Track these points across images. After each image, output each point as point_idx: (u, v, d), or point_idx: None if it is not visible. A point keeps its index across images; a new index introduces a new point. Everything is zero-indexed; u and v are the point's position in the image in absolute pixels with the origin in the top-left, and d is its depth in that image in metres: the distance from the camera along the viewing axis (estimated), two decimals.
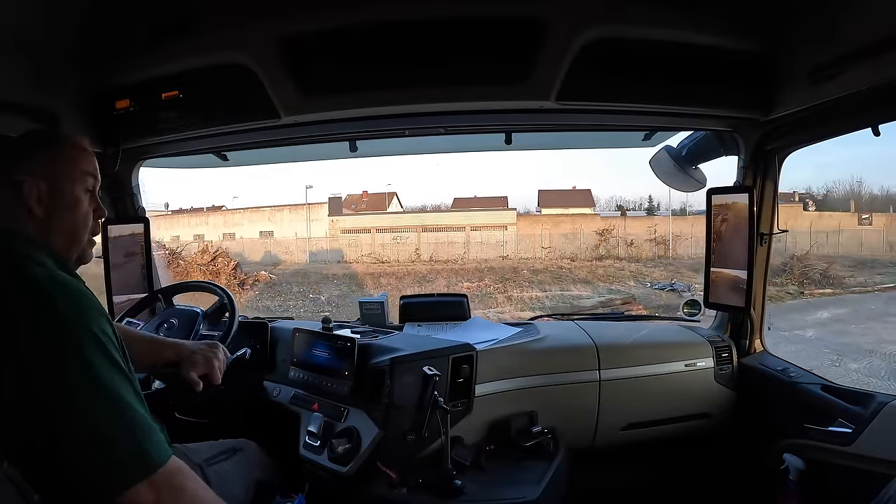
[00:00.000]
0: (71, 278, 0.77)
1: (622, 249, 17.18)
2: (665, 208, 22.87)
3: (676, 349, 1.63)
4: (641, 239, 17.52)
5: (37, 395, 0.67)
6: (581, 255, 16.91)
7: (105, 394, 0.69)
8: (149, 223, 1.77)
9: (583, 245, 17.34)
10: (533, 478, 1.27)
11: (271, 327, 1.60)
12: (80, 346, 0.69)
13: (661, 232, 17.79)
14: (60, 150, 0.85)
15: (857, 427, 1.24)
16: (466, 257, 16.50)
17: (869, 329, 7.83)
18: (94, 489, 0.67)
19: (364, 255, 16.43)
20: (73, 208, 0.85)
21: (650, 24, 1.22)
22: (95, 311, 0.73)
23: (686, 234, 17.86)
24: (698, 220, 19.78)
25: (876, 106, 1.14)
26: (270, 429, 1.41)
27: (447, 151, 2.29)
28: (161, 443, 0.72)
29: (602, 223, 18.70)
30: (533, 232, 17.97)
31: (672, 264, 15.63)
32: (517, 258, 16.59)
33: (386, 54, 1.26)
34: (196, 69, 1.33)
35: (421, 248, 16.97)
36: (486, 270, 14.27)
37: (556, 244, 17.46)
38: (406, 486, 1.19)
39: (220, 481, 1.06)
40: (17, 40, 1.14)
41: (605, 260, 16.30)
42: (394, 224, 18.69)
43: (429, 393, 1.20)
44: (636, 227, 18.55)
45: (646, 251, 17.19)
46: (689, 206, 24.76)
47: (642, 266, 15.35)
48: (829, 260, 13.17)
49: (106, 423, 0.68)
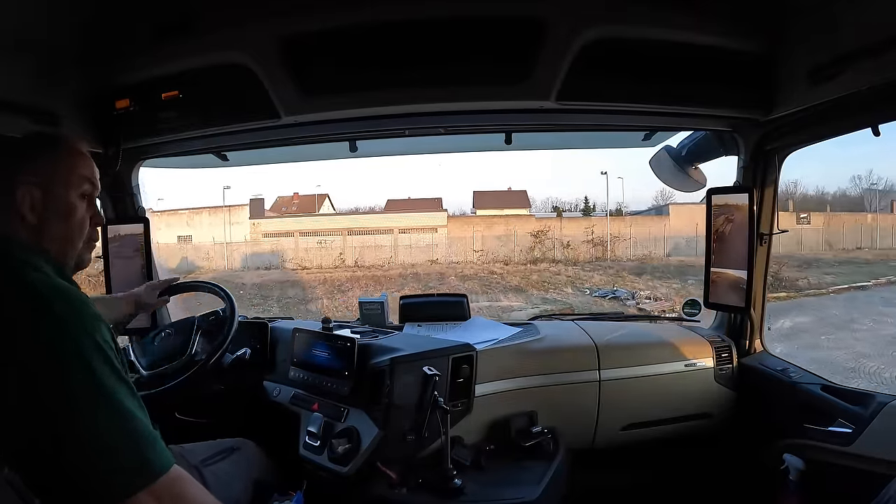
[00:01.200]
0: (69, 285, 0.76)
1: (558, 251, 16.65)
2: (601, 209, 22.75)
3: (676, 349, 1.63)
4: (578, 240, 17.05)
5: (39, 400, 0.66)
6: (515, 259, 16.23)
7: (107, 401, 0.69)
8: (149, 223, 1.77)
9: (517, 247, 16.68)
10: (533, 478, 1.27)
11: (271, 327, 1.60)
12: (81, 352, 0.69)
13: (599, 233, 17.44)
14: (57, 155, 0.83)
15: (857, 427, 1.24)
16: (393, 262, 15.73)
17: (840, 341, 7.39)
18: (95, 496, 0.67)
19: (287, 260, 15.63)
20: (67, 216, 0.83)
21: (650, 24, 1.22)
22: (94, 318, 0.73)
23: (624, 234, 17.70)
24: (636, 220, 19.77)
25: (876, 106, 1.14)
26: (270, 429, 1.41)
27: (447, 151, 2.29)
28: (163, 451, 0.72)
29: (537, 224, 18.14)
30: (464, 234, 17.37)
31: (612, 267, 15.10)
32: (447, 262, 15.86)
33: (386, 54, 1.26)
34: (196, 69, 1.33)
35: (346, 253, 16.20)
36: (409, 277, 13.43)
37: (488, 247, 16.77)
38: (406, 486, 1.19)
39: (217, 481, 1.06)
40: (17, 40, 1.14)
41: (540, 263, 15.63)
42: (319, 227, 17.93)
43: (429, 393, 1.20)
44: (573, 228, 18.11)
45: (583, 253, 16.68)
46: (625, 206, 24.43)
47: (580, 270, 14.74)
48: (780, 261, 12.71)
49: (108, 430, 0.68)
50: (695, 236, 17.72)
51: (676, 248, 17.64)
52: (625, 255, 16.92)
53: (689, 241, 17.94)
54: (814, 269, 13.79)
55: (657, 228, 18.52)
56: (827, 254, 15.86)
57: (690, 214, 19.01)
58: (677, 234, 18.14)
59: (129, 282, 1.74)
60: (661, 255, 17.11)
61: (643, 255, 17.01)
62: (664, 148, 1.77)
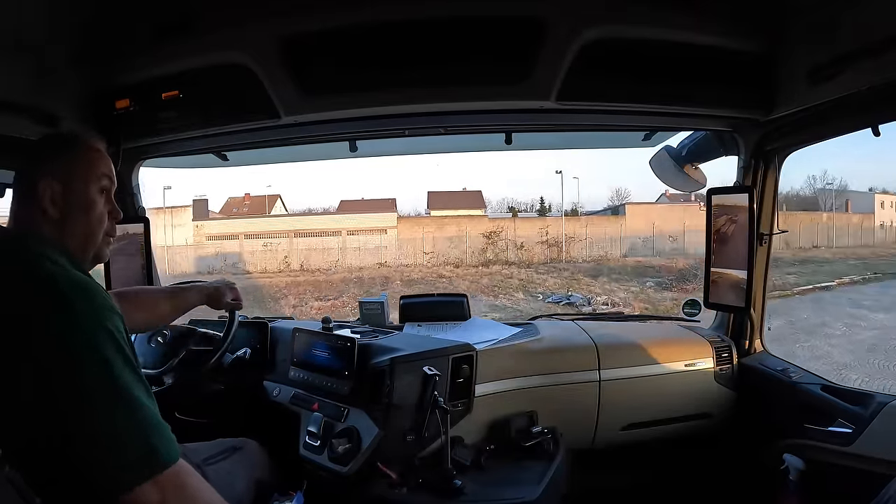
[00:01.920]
0: (85, 277, 0.78)
1: (512, 253, 16.04)
2: (557, 209, 22.36)
3: (676, 349, 1.64)
4: (533, 241, 16.50)
5: (53, 393, 0.67)
6: (467, 261, 15.61)
7: (120, 392, 0.69)
8: (149, 223, 1.77)
9: (469, 249, 16.09)
10: (533, 478, 1.27)
11: (271, 327, 1.60)
12: (96, 344, 0.70)
13: (554, 234, 16.91)
14: (77, 153, 0.86)
15: (857, 427, 1.24)
16: (340, 265, 15.08)
17: (815, 349, 6.96)
18: (100, 488, 0.68)
19: (230, 264, 14.93)
20: (88, 210, 0.86)
21: (650, 25, 1.22)
22: (109, 310, 0.74)
23: (580, 235, 17.25)
24: (591, 221, 19.37)
25: (876, 106, 1.14)
26: (270, 429, 1.41)
27: (447, 151, 2.29)
28: (171, 441, 0.73)
29: (490, 225, 17.50)
30: (415, 236, 16.73)
31: (567, 269, 14.48)
32: (396, 265, 15.23)
33: (386, 54, 1.26)
34: (196, 69, 1.33)
35: (292, 256, 15.48)
36: (353, 282, 12.65)
37: (440, 249, 16.15)
38: (406, 486, 1.19)
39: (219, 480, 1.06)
40: (17, 40, 1.13)
41: (492, 266, 14.98)
42: (265, 229, 17.23)
43: (429, 393, 1.20)
44: (527, 228, 17.52)
45: (538, 254, 16.16)
46: (581, 206, 24.12)
47: (534, 272, 14.04)
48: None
49: (120, 421, 0.68)
50: (651, 236, 17.53)
51: (633, 249, 17.33)
52: (580, 256, 16.51)
53: (646, 241, 17.62)
54: (774, 270, 13.40)
55: (613, 228, 18.22)
56: (785, 253, 15.48)
57: (647, 214, 18.99)
58: (634, 234, 17.83)
59: (129, 281, 1.74)
60: (617, 255, 16.76)
61: (599, 255, 16.64)
62: (664, 148, 1.77)
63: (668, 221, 18.33)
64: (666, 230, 17.82)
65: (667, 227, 17.95)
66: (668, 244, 17.38)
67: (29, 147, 0.87)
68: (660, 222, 18.01)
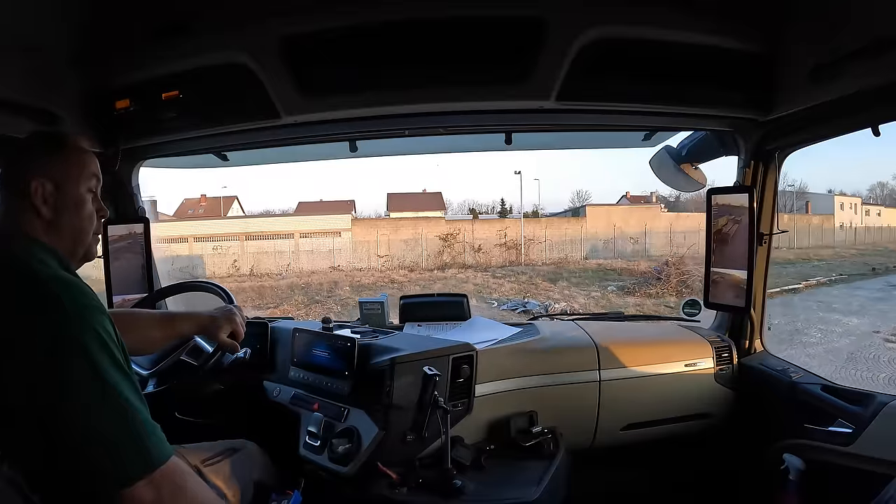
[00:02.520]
0: (72, 276, 0.78)
1: (469, 256, 15.56)
2: (518, 211, 22.19)
3: (676, 349, 1.64)
4: (491, 244, 16.08)
5: (43, 395, 0.67)
6: (423, 264, 15.10)
7: (108, 392, 0.69)
8: (149, 223, 1.77)
9: (425, 252, 15.59)
10: (533, 478, 1.27)
11: (271, 327, 1.60)
12: (83, 345, 0.70)
13: (513, 235, 16.50)
14: (66, 153, 0.87)
15: (857, 427, 1.24)
16: (291, 269, 14.52)
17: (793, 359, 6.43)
18: (95, 487, 0.68)
19: (175, 269, 13.64)
20: (79, 209, 0.86)
21: (650, 25, 1.22)
22: (98, 310, 0.74)
23: (539, 237, 16.82)
24: (551, 222, 19.30)
25: (876, 106, 1.14)
26: (271, 429, 1.41)
27: (447, 151, 2.29)
28: (162, 441, 0.73)
29: (447, 227, 17.04)
30: (370, 238, 16.26)
31: (525, 272, 13.94)
32: (350, 269, 14.71)
33: (386, 54, 1.26)
34: (196, 69, 1.33)
35: (242, 260, 14.81)
36: (299, 288, 12.05)
37: (395, 252, 15.64)
38: (406, 486, 1.19)
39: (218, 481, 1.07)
40: (17, 40, 1.13)
41: (448, 269, 14.39)
42: (216, 231, 16.72)
43: (429, 393, 1.20)
44: (486, 230, 17.13)
45: (496, 257, 15.73)
46: (542, 208, 23.72)
47: (490, 276, 13.44)
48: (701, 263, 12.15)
49: (108, 421, 0.69)
50: (612, 238, 17.34)
51: (594, 251, 17.10)
52: (540, 258, 16.09)
53: (607, 242, 17.44)
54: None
55: (574, 230, 18.00)
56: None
57: (607, 215, 18.94)
58: (594, 235, 17.68)
59: (129, 282, 1.74)
60: (578, 257, 16.46)
61: (559, 258, 16.30)
62: (664, 148, 1.77)
63: (630, 223, 18.22)
64: (627, 231, 17.70)
65: (628, 229, 17.82)
66: (630, 246, 17.20)
67: (17, 146, 0.87)
68: (621, 223, 17.91)
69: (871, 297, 10.54)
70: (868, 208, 26.35)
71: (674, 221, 18.24)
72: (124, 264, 1.74)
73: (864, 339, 7.63)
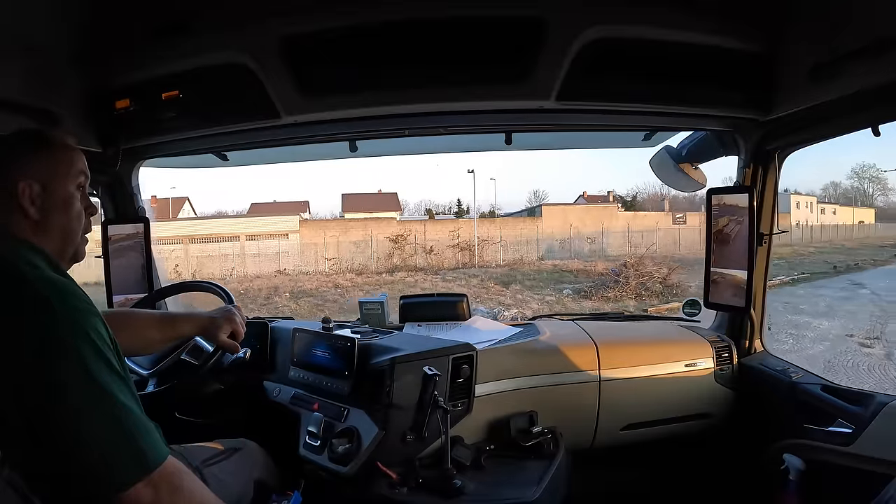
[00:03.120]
0: (63, 279, 0.77)
1: (421, 258, 15.00)
2: (475, 211, 21.96)
3: (676, 349, 1.63)
4: (444, 245, 15.52)
5: (32, 398, 0.67)
6: (372, 267, 14.58)
7: (100, 395, 0.69)
8: (149, 223, 1.77)
9: (375, 254, 15.07)
10: (533, 478, 1.27)
11: (271, 327, 1.60)
12: (73, 347, 0.69)
13: (467, 236, 15.98)
14: (52, 151, 0.85)
15: (857, 427, 1.24)
16: (235, 274, 13.98)
17: None
18: (92, 490, 0.68)
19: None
20: (67, 208, 0.85)
21: (650, 24, 1.22)
22: (89, 313, 0.73)
23: (494, 237, 16.38)
24: (506, 222, 19.07)
25: (876, 106, 1.14)
26: (270, 429, 1.41)
27: (447, 151, 2.29)
28: (158, 442, 0.72)
29: (398, 228, 16.38)
30: (318, 240, 15.69)
31: (477, 275, 13.34)
32: (296, 272, 14.14)
33: (386, 54, 1.26)
34: (196, 69, 1.33)
35: (185, 264, 14.14)
36: (238, 294, 10.80)
37: (345, 254, 15.11)
38: (406, 486, 1.19)
39: (218, 482, 1.06)
40: (17, 40, 1.13)
41: (397, 272, 13.81)
42: (158, 234, 15.27)
43: (429, 393, 1.20)
44: (439, 231, 16.58)
45: (449, 259, 15.22)
46: (498, 208, 23.36)
47: (441, 279, 12.88)
48: (670, 265, 11.56)
49: (102, 424, 0.68)
50: (569, 238, 17.03)
51: (550, 251, 16.80)
52: (494, 259, 15.64)
53: (564, 242, 17.11)
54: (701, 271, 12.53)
55: (529, 230, 17.63)
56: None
57: (564, 215, 18.69)
58: (551, 235, 17.38)
59: (129, 281, 1.74)
60: (533, 258, 16.08)
61: (514, 259, 15.88)
62: (664, 148, 1.77)
63: (586, 222, 17.98)
64: (584, 231, 17.46)
65: (585, 229, 17.60)
66: (587, 246, 16.98)
67: (4, 143, 0.84)
68: (577, 223, 17.69)
69: (836, 297, 10.44)
70: (824, 207, 26.86)
71: (631, 221, 18.04)
72: (124, 264, 1.74)
73: (839, 344, 7.43)
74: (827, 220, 24.58)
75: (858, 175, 31.79)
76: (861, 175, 31.50)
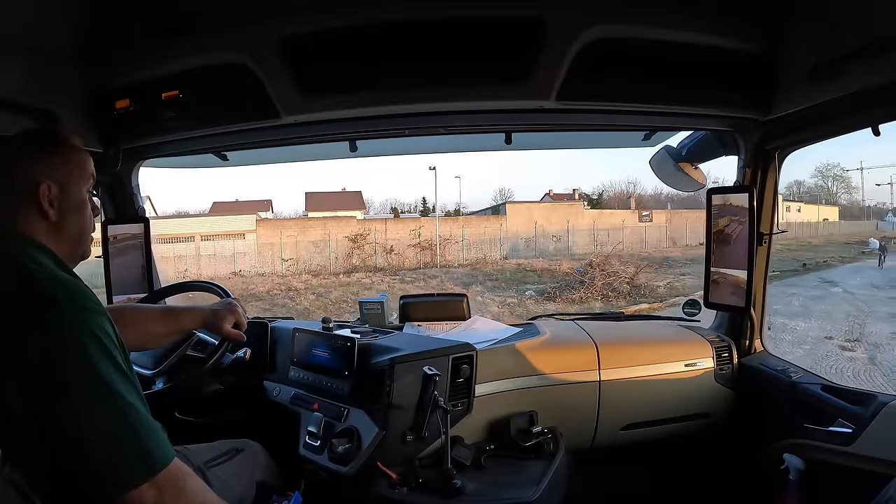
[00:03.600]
0: (69, 277, 0.77)
1: (381, 258, 14.63)
2: (441, 209, 21.36)
3: (676, 349, 1.63)
4: (405, 244, 15.11)
5: (39, 396, 0.67)
6: (331, 267, 14.15)
7: (107, 394, 0.69)
8: (149, 223, 1.77)
9: (333, 255, 14.61)
10: (533, 478, 1.27)
11: (271, 327, 1.60)
12: (80, 345, 0.69)
13: (428, 235, 15.56)
14: (70, 154, 0.86)
15: (857, 427, 1.24)
16: (189, 276, 13.03)
17: None
18: (97, 490, 0.67)
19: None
20: (83, 210, 0.86)
21: (650, 24, 1.22)
22: (96, 311, 0.73)
23: (456, 236, 16.08)
24: (470, 221, 18.72)
25: (876, 106, 1.14)
26: (271, 429, 1.41)
27: (447, 151, 2.30)
28: (164, 442, 0.72)
29: (358, 227, 16.00)
30: (276, 240, 15.21)
31: (437, 276, 12.96)
32: (252, 274, 13.80)
33: (386, 54, 1.26)
34: (196, 69, 1.33)
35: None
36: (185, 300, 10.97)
37: (303, 254, 14.67)
38: (406, 486, 1.19)
39: (221, 482, 1.07)
40: (18, 40, 1.13)
41: (355, 273, 13.38)
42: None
43: (429, 393, 1.20)
44: (400, 230, 16.09)
45: (410, 258, 14.85)
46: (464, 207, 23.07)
47: (399, 280, 12.44)
48: (637, 264, 11.31)
49: (109, 423, 0.68)
50: (534, 236, 16.73)
51: (515, 250, 16.50)
52: (457, 258, 15.28)
53: (529, 241, 16.78)
54: (669, 270, 12.33)
55: (494, 228, 17.33)
56: (674, 251, 14.79)
57: (528, 213, 18.38)
58: (515, 234, 17.09)
59: (129, 281, 1.74)
60: (497, 257, 15.81)
61: (477, 258, 15.61)
62: (664, 148, 1.77)
63: (552, 220, 17.68)
64: (549, 230, 17.20)
65: (550, 227, 17.33)
66: (552, 244, 16.76)
67: (14, 144, 0.85)
68: (542, 221, 17.46)
69: (809, 296, 10.32)
70: (789, 205, 27.06)
71: (597, 219, 17.83)
72: (124, 264, 1.74)
73: (819, 347, 7.22)
74: (792, 218, 24.74)
75: (822, 174, 32.34)
76: (825, 174, 32.02)
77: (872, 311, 9.25)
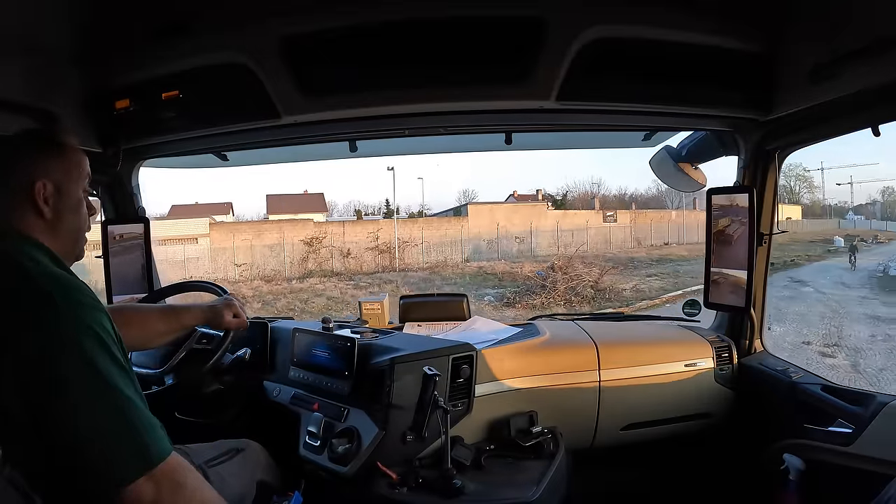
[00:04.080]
0: (66, 273, 0.78)
1: (338, 262, 14.18)
2: (405, 211, 21.24)
3: (676, 349, 1.63)
4: (363, 247, 14.74)
5: (36, 394, 0.67)
6: (286, 272, 13.72)
7: (105, 390, 0.69)
8: (149, 223, 1.77)
9: (288, 259, 14.18)
10: (533, 478, 1.26)
11: (271, 327, 1.60)
12: (77, 342, 0.69)
13: (387, 237, 15.18)
14: (67, 153, 0.87)
15: (857, 427, 1.24)
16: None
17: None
18: (95, 485, 0.68)
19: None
20: (79, 210, 0.87)
21: (650, 24, 1.22)
22: (92, 307, 0.74)
23: (416, 238, 15.61)
24: (430, 223, 18.30)
25: (876, 106, 1.14)
26: (271, 429, 1.41)
27: (447, 151, 2.30)
28: (162, 438, 0.72)
29: (314, 230, 15.49)
30: (230, 244, 14.76)
31: (393, 280, 12.60)
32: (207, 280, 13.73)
33: (386, 54, 1.26)
34: (196, 69, 1.33)
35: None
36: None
37: (258, 259, 14.24)
38: (406, 486, 1.19)
39: (221, 482, 1.07)
40: (17, 40, 1.14)
41: (309, 279, 12.97)
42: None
43: (429, 393, 1.20)
44: (359, 233, 15.79)
45: (368, 262, 14.43)
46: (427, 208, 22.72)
47: (353, 286, 11.98)
48: (602, 266, 11.04)
49: (106, 418, 0.68)
50: (496, 238, 16.36)
51: (477, 252, 16.12)
52: (416, 262, 14.88)
53: (491, 243, 16.41)
54: (634, 272, 12.08)
55: (455, 230, 16.87)
56: (639, 251, 14.66)
57: (491, 214, 17.96)
58: (478, 235, 16.75)
59: (129, 281, 1.74)
60: (458, 260, 15.41)
61: (437, 261, 15.13)
62: (664, 148, 1.77)
63: (514, 221, 17.39)
64: (512, 231, 16.92)
65: (513, 228, 17.05)
66: (515, 246, 16.46)
67: (13, 143, 0.85)
68: (505, 222, 17.16)
69: (781, 297, 10.08)
70: None
71: (561, 219, 17.57)
72: (124, 264, 1.74)
73: (798, 353, 6.84)
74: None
75: (785, 174, 32.29)
76: (787, 174, 32.23)
77: (847, 311, 9.10)
